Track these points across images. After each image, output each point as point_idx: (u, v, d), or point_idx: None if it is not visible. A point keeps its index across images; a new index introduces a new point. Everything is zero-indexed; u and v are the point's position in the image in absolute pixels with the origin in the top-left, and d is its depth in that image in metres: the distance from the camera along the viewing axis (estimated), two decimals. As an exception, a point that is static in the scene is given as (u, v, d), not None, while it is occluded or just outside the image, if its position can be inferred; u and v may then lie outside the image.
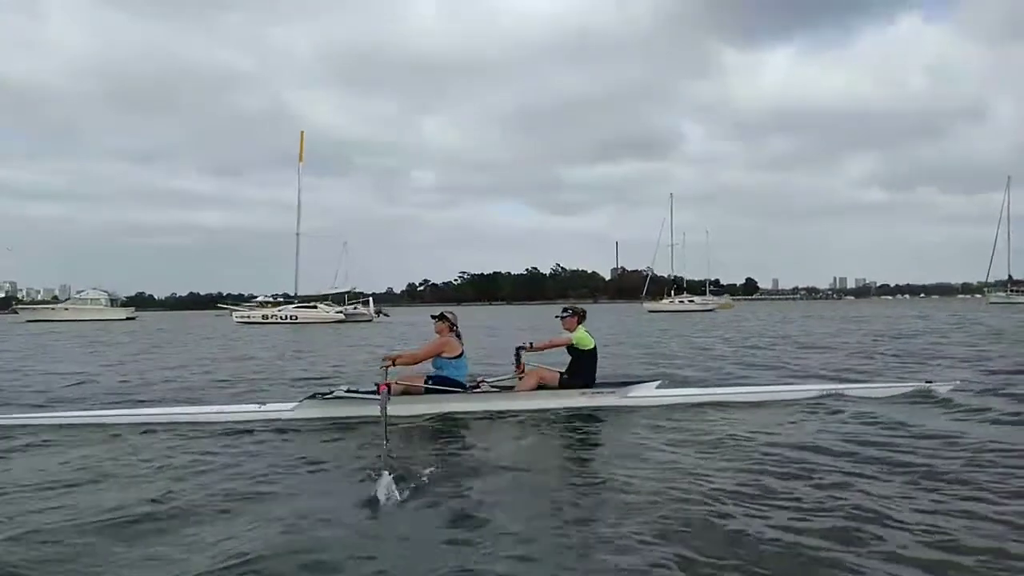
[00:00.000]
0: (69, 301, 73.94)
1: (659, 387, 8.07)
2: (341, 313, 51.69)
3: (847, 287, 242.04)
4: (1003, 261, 76.30)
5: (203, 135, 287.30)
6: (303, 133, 56.57)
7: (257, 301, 59.42)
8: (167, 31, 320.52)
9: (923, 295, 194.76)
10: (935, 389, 8.09)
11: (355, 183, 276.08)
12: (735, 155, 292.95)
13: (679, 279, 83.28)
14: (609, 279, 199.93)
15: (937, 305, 75.50)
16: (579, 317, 8.11)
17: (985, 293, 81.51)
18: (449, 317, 7.73)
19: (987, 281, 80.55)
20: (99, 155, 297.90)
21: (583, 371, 7.90)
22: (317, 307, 52.69)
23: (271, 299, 58.72)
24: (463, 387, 7.60)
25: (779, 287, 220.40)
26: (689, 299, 75.29)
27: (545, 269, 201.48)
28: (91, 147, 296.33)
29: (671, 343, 20.90)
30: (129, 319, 65.50)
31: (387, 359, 7.20)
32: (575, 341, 7.91)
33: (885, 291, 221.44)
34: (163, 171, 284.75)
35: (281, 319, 50.11)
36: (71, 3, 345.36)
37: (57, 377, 12.69)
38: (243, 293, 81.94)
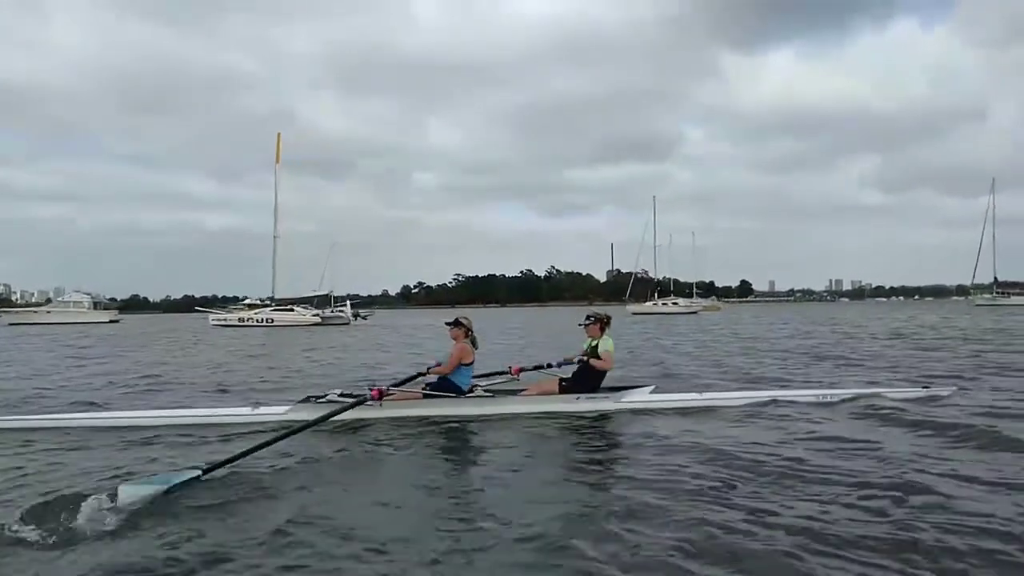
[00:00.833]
0: (51, 304, 73.93)
1: (653, 392, 8.21)
2: (318, 316, 51.67)
3: (843, 289, 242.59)
4: (989, 263, 76.71)
5: (203, 136, 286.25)
6: (280, 135, 56.39)
7: (245, 304, 59.38)
8: (168, 32, 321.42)
9: (917, 297, 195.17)
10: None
11: (356, 185, 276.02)
12: (735, 157, 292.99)
13: (666, 281, 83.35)
14: (604, 281, 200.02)
15: (925, 308, 75.10)
16: (602, 324, 7.95)
17: (970, 295, 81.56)
18: (464, 323, 7.73)
19: (973, 283, 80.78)
20: (99, 156, 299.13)
21: (590, 379, 7.83)
22: (294, 310, 52.66)
23: (258, 301, 58.68)
24: (461, 392, 7.61)
25: (775, 289, 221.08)
26: (673, 301, 75.17)
27: (542, 272, 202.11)
28: (91, 148, 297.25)
29: (635, 343, 20.96)
30: (112, 322, 65.34)
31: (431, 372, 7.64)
32: (602, 351, 7.75)
33: (880, 293, 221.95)
34: (163, 173, 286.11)
35: (257, 322, 49.98)
36: (73, 4, 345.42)
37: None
38: (236, 296, 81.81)
